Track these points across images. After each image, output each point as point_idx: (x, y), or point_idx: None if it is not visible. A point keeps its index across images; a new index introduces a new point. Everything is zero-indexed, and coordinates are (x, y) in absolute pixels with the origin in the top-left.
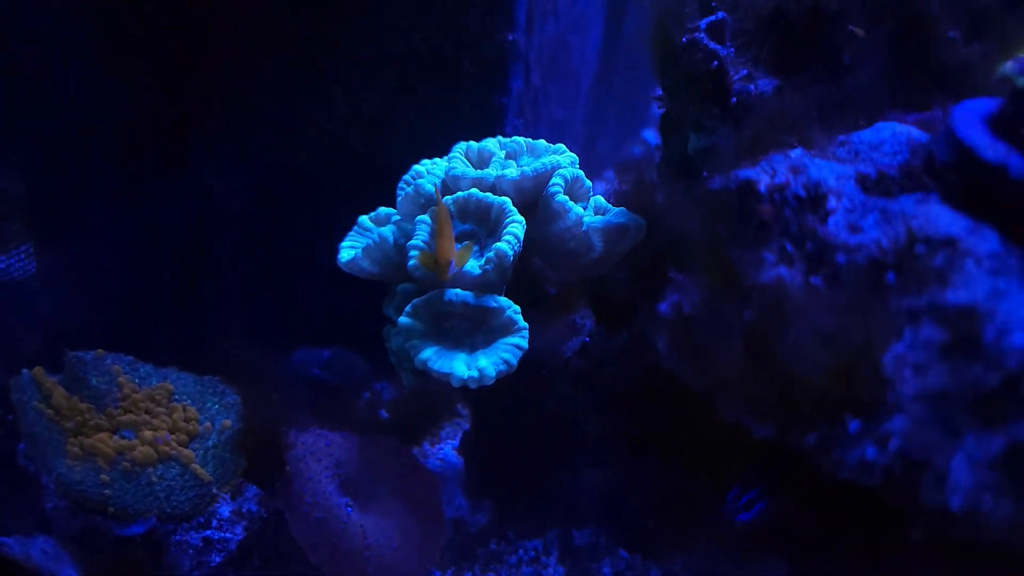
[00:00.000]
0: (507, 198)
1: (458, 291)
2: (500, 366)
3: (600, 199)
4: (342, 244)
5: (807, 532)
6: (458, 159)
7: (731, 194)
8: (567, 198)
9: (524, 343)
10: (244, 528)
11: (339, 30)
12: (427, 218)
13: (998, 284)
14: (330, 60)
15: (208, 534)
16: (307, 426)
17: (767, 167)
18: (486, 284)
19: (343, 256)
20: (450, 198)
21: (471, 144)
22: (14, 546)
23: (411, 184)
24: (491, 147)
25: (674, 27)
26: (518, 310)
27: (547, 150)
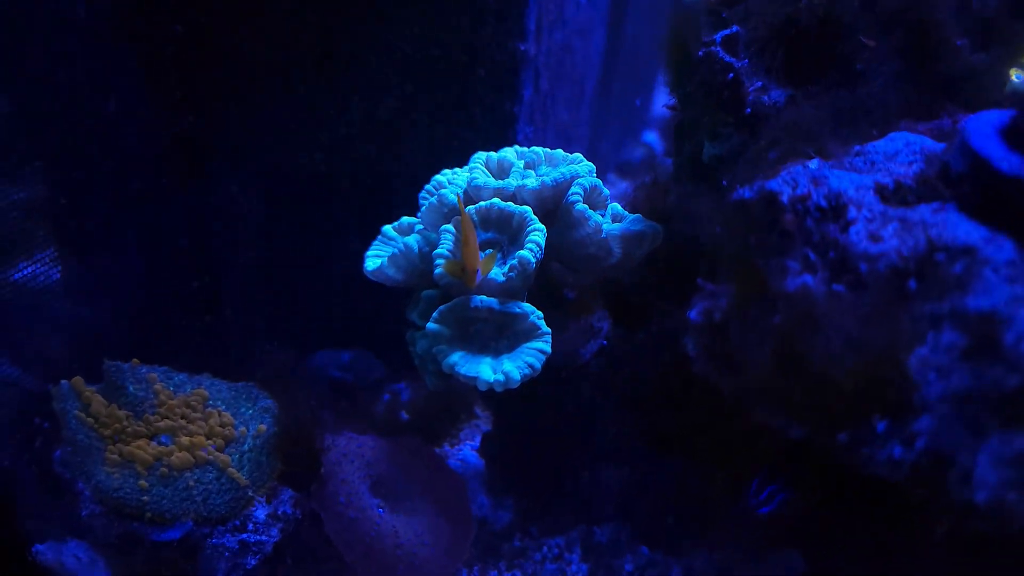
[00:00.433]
0: (528, 207)
1: (483, 297)
2: (525, 370)
3: (617, 206)
4: (367, 253)
5: (824, 527)
6: (479, 169)
7: (755, 204)
8: (587, 206)
9: (547, 347)
10: (280, 530)
11: (356, 40)
12: (451, 228)
13: (1016, 291)
14: (347, 69)
15: (244, 537)
16: (332, 428)
17: (788, 178)
18: (510, 290)
19: (369, 265)
20: (473, 208)
21: (490, 154)
22: (47, 552)
23: (434, 194)
24: (510, 157)
25: (690, 40)
26: (541, 315)
27: (564, 160)
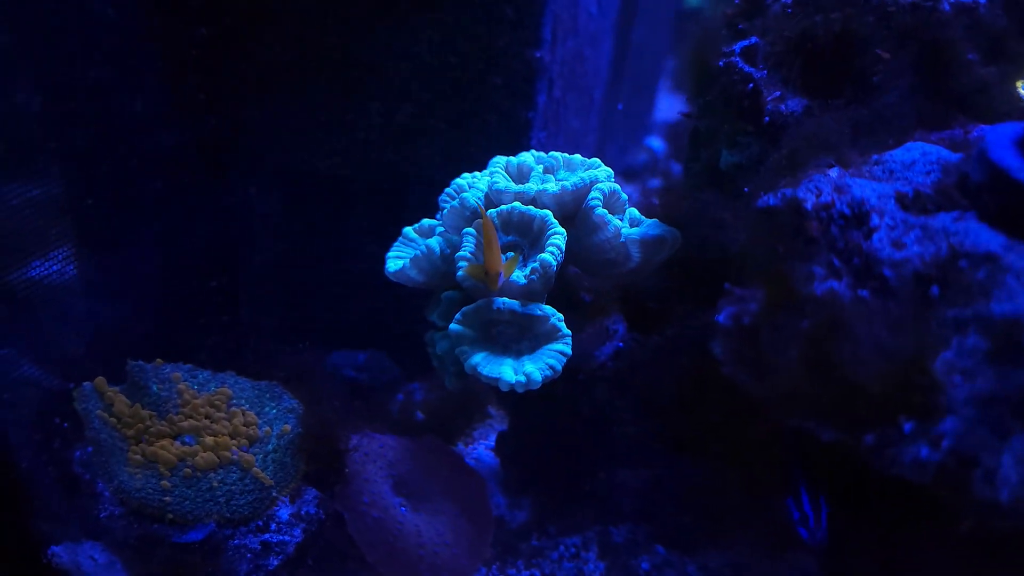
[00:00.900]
0: (548, 211)
1: (506, 300)
2: (546, 371)
3: (634, 211)
4: (389, 254)
5: (842, 527)
6: (499, 173)
7: (780, 212)
8: (606, 211)
9: (568, 349)
10: (302, 531)
11: (375, 47)
12: (473, 231)
13: None
14: (367, 76)
15: (267, 537)
16: (353, 428)
17: (812, 186)
18: (531, 293)
19: (391, 266)
20: (494, 211)
21: (510, 159)
22: (63, 555)
23: (456, 197)
24: (529, 162)
25: (710, 51)
26: (562, 318)
27: (583, 164)
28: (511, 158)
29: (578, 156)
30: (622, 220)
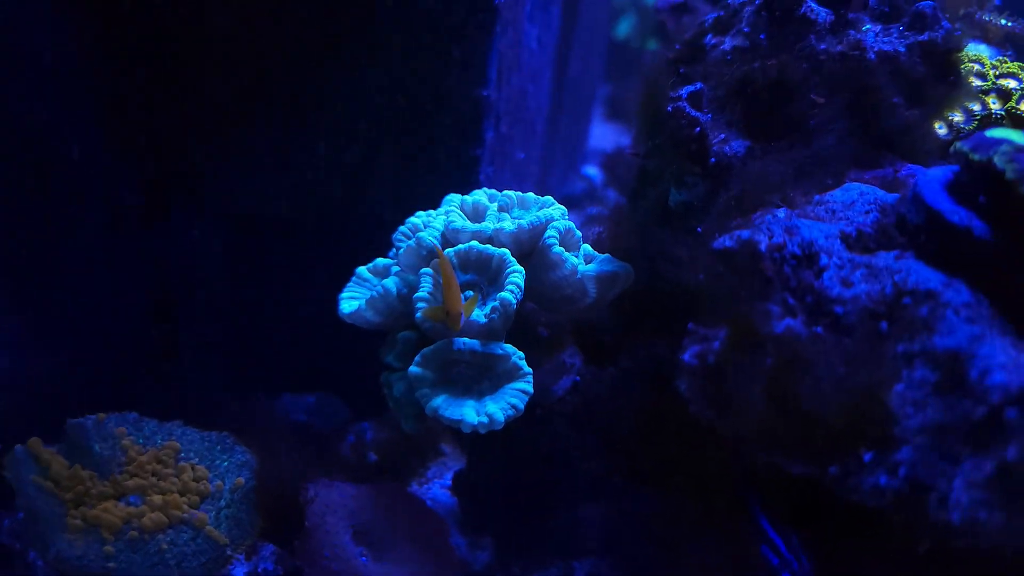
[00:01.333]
0: (506, 249)
1: (466, 340)
2: (508, 411)
3: (588, 247)
4: (342, 295)
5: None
6: (455, 212)
7: (736, 253)
8: (563, 249)
9: (530, 388)
10: None
11: (324, 86)
12: (431, 270)
13: (974, 330)
14: (314, 114)
15: None
16: (308, 477)
17: (764, 228)
18: (492, 332)
19: (346, 307)
20: (451, 250)
21: (464, 198)
22: None
23: (411, 236)
24: (483, 200)
25: (660, 97)
26: (522, 356)
27: (536, 203)
28: (465, 197)
29: (531, 194)
30: (577, 257)
